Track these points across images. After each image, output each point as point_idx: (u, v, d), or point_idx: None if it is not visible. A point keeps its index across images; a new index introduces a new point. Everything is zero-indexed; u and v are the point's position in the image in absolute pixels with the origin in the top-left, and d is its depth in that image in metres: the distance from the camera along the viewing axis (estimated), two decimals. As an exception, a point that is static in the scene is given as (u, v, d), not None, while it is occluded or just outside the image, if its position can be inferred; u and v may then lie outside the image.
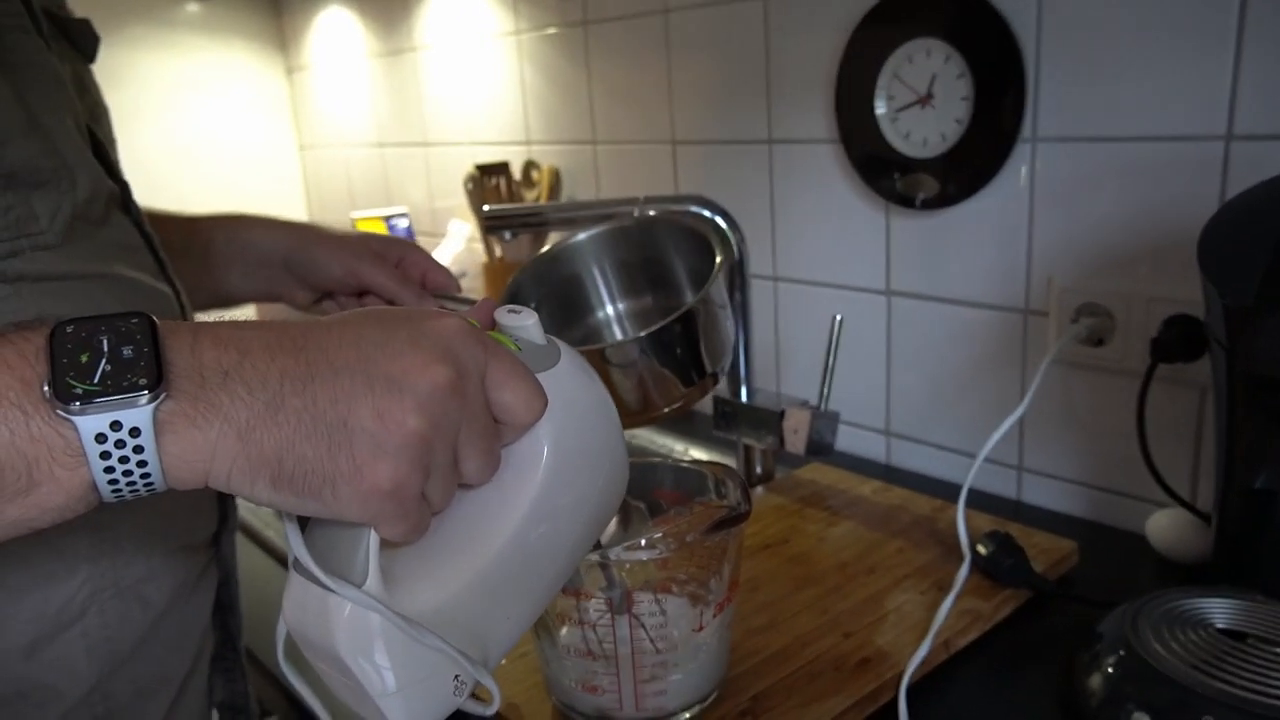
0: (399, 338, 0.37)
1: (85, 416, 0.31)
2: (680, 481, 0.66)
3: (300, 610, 0.39)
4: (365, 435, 0.35)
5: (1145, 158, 0.79)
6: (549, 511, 0.42)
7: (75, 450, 0.32)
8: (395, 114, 1.77)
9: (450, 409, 0.37)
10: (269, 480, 0.34)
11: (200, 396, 0.33)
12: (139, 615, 0.51)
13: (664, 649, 0.57)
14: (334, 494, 0.35)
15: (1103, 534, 0.87)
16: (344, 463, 0.35)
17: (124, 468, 0.32)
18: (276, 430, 0.34)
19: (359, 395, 0.35)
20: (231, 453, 0.33)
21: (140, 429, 0.32)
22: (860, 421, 1.08)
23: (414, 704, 0.39)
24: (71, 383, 0.31)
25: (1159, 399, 0.81)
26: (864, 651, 0.66)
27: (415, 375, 0.36)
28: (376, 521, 0.36)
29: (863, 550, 0.81)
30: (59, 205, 0.47)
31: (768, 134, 1.09)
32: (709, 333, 0.75)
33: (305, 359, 0.35)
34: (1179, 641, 0.60)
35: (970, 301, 0.95)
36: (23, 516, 0.32)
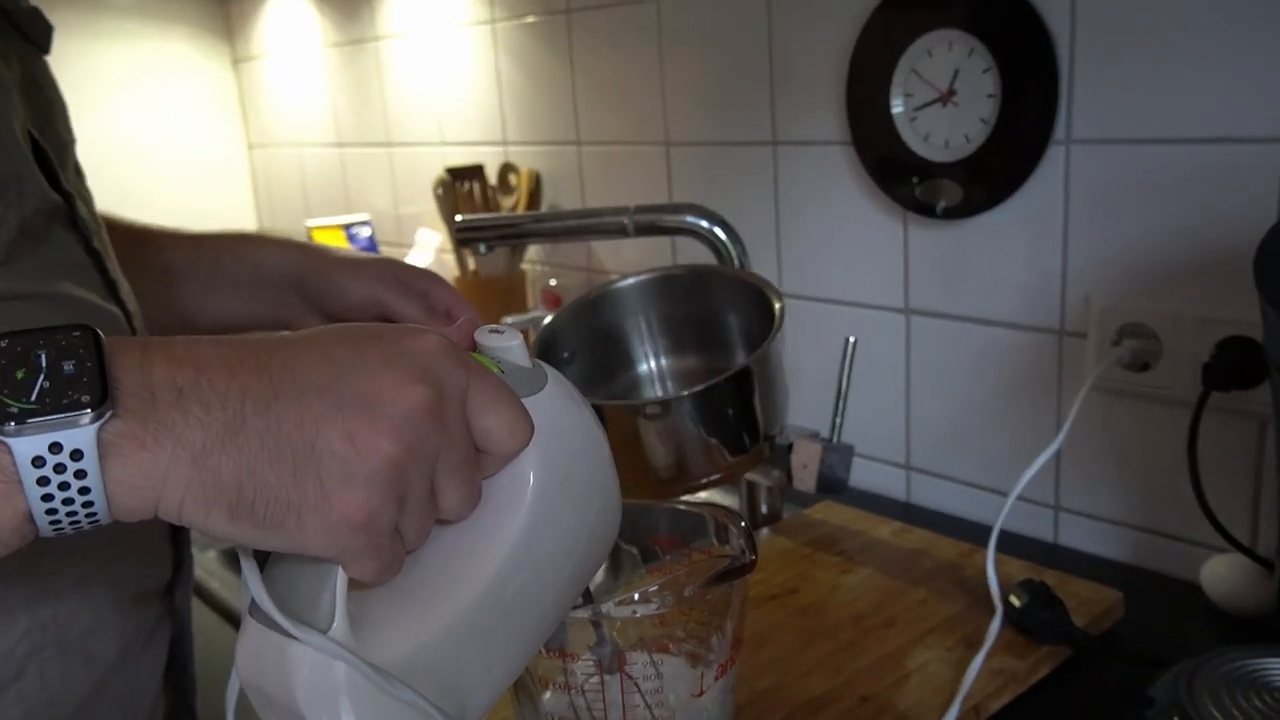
0: (372, 356, 0.36)
1: (20, 438, 0.31)
2: (677, 525, 0.65)
3: (256, 661, 0.38)
4: (335, 460, 0.34)
5: (1194, 162, 0.79)
6: (534, 552, 0.42)
7: (9, 476, 0.31)
8: (355, 110, 1.76)
9: (428, 433, 0.36)
10: (226, 510, 0.34)
11: (150, 417, 0.33)
12: (83, 673, 0.50)
13: (659, 716, 0.56)
14: (299, 525, 0.34)
15: (1151, 582, 0.86)
16: (311, 490, 0.34)
17: (64, 495, 0.32)
18: (236, 454, 0.33)
19: (328, 417, 0.35)
20: (185, 479, 0.33)
21: (83, 451, 0.31)
22: (877, 455, 1.08)
23: None
24: (6, 401, 0.31)
25: (1212, 431, 0.80)
26: (884, 717, 0.65)
27: (390, 396, 0.35)
28: (345, 558, 0.36)
29: (881, 600, 0.80)
30: (3, 220, 0.47)
31: (772, 135, 1.09)
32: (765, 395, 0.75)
33: (269, 377, 0.35)
34: (1240, 708, 0.60)
35: (999, 321, 0.94)
36: None
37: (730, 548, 0.60)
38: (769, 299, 0.80)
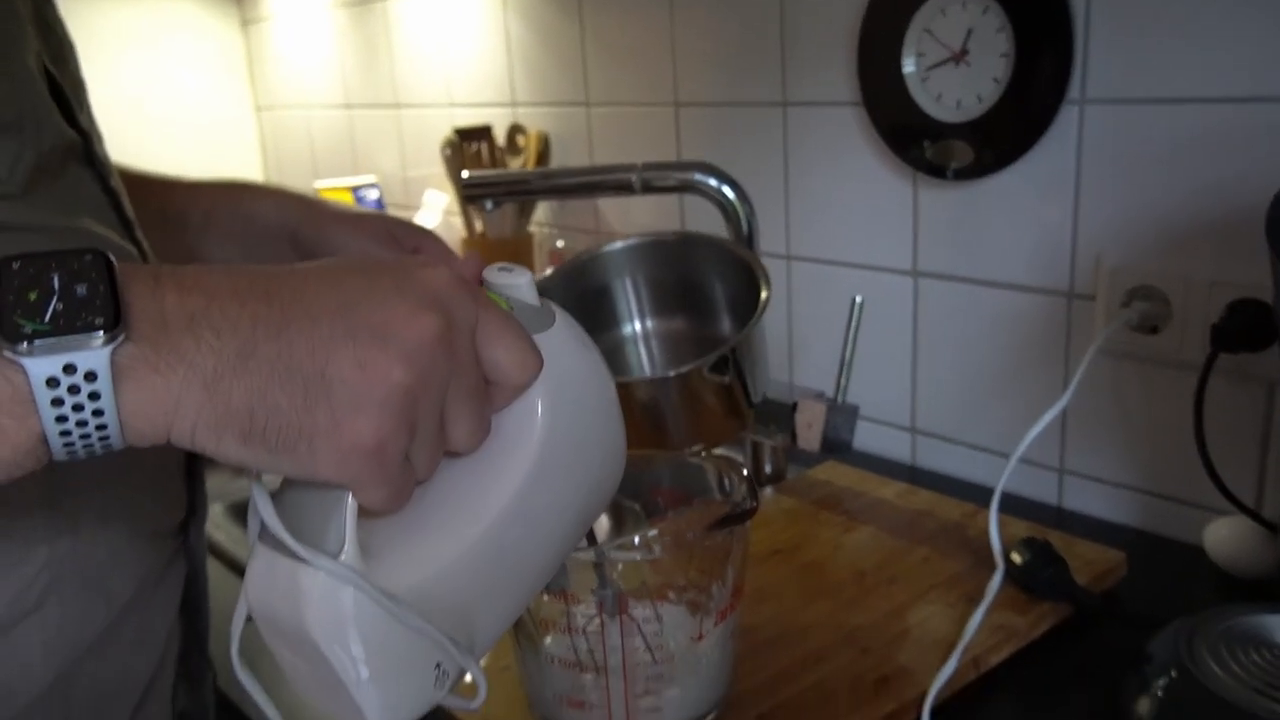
0: (383, 285, 0.37)
1: (34, 359, 0.31)
2: (680, 478, 0.66)
3: (266, 588, 0.38)
4: (346, 387, 0.35)
5: (1209, 122, 0.79)
6: (542, 488, 0.42)
7: (23, 397, 0.31)
8: (363, 71, 1.76)
9: (438, 362, 0.37)
10: (238, 435, 0.34)
11: (162, 342, 0.33)
12: (101, 607, 0.52)
13: (660, 659, 0.57)
14: (310, 451, 0.35)
15: (1155, 545, 0.87)
16: (322, 416, 0.35)
17: (78, 417, 0.32)
18: (247, 379, 0.34)
19: (339, 344, 0.35)
20: (197, 404, 0.33)
21: (96, 373, 0.32)
22: (883, 418, 1.08)
23: (391, 695, 0.39)
24: (19, 321, 0.31)
25: (1220, 394, 0.81)
26: (883, 669, 0.66)
27: (401, 324, 0.36)
28: (356, 485, 0.36)
29: (883, 559, 0.81)
30: (20, 154, 0.47)
31: (782, 96, 1.09)
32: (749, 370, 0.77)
33: (280, 305, 0.35)
34: (1239, 663, 0.60)
35: (1008, 284, 0.95)
36: None
37: (732, 498, 0.61)
38: (756, 277, 0.82)
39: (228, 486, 1.12)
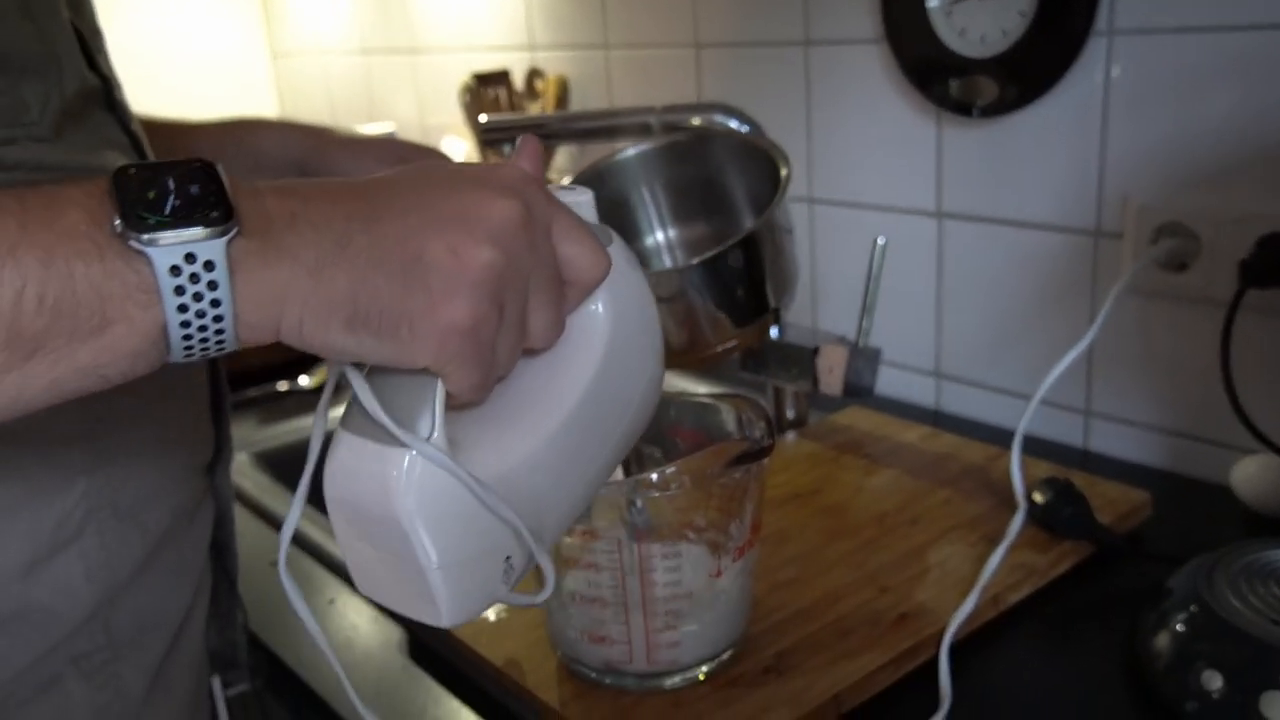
0: (464, 179, 0.40)
1: (159, 248, 0.34)
2: (699, 418, 0.67)
3: (350, 472, 0.41)
4: (440, 270, 0.38)
5: (1241, 51, 0.78)
6: (607, 387, 0.46)
7: (149, 286, 0.34)
8: (381, 16, 1.76)
9: (522, 247, 0.40)
10: (343, 322, 0.37)
11: (268, 237, 0.36)
12: (137, 540, 0.55)
13: (678, 594, 0.59)
14: (411, 333, 0.38)
15: (1182, 485, 0.88)
16: (420, 299, 0.38)
17: (197, 306, 0.34)
18: (349, 268, 0.37)
19: (430, 231, 0.38)
20: (304, 293, 0.36)
21: (214, 262, 0.34)
22: (906, 362, 1.09)
23: (463, 585, 0.41)
24: (142, 214, 0.34)
25: (1249, 331, 0.81)
26: (902, 607, 0.68)
27: (485, 209, 0.39)
28: (449, 367, 0.39)
29: (904, 501, 0.82)
30: (48, 97, 0.49)
31: (804, 34, 1.09)
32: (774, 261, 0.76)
33: (369, 202, 0.38)
34: (1259, 595, 0.62)
35: (1034, 223, 0.95)
36: (94, 362, 0.34)
37: (750, 437, 0.62)
38: (775, 162, 0.80)
39: (253, 435, 1.15)
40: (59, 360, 0.33)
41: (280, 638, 0.75)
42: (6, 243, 0.32)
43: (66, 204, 0.34)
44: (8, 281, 0.32)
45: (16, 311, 0.32)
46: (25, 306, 0.32)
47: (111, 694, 0.55)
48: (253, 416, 1.21)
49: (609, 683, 0.62)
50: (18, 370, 0.33)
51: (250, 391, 1.26)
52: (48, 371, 0.33)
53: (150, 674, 0.57)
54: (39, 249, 0.32)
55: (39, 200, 0.33)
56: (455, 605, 0.41)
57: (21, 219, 0.33)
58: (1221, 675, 0.57)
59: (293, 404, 1.24)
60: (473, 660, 0.68)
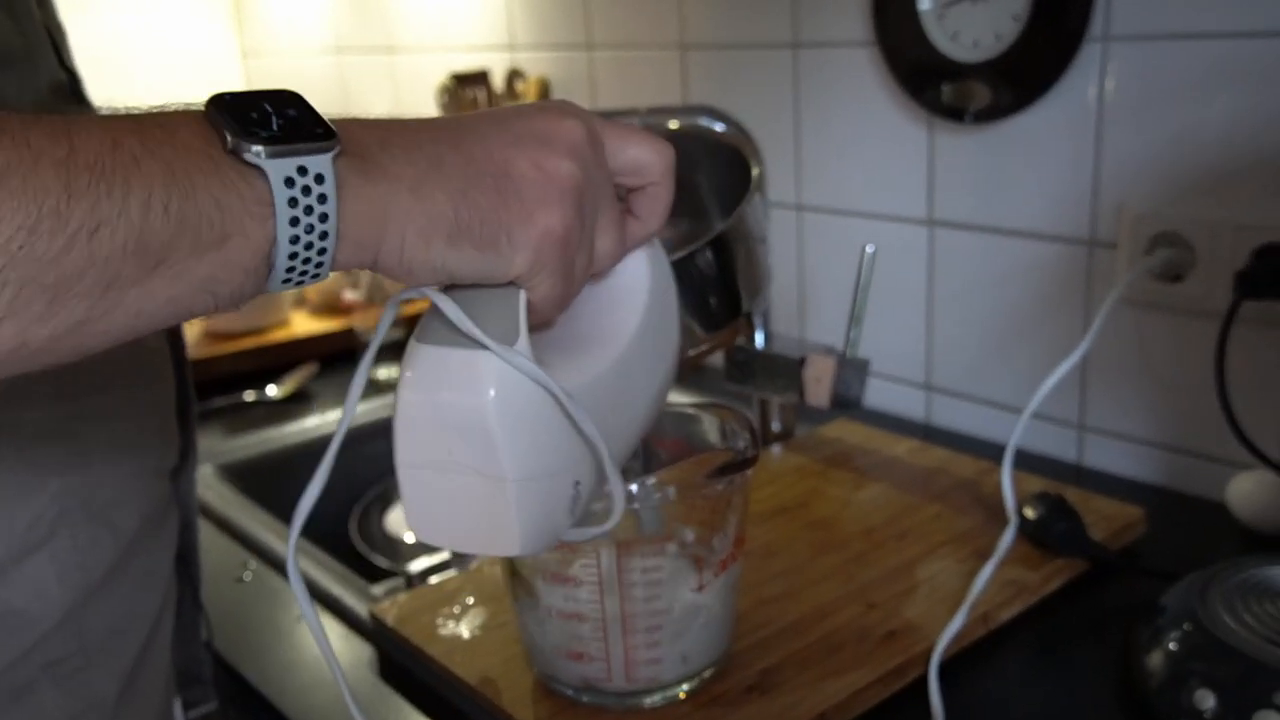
0: (526, 109, 0.44)
1: (274, 161, 0.35)
2: (682, 428, 0.67)
3: (433, 383, 0.42)
4: (529, 182, 0.41)
5: (1238, 59, 0.80)
6: (652, 328, 0.50)
7: (264, 199, 0.35)
8: (356, 14, 1.77)
9: (592, 162, 0.44)
10: (445, 236, 0.39)
11: (366, 157, 0.38)
12: (109, 542, 0.56)
13: (659, 610, 0.59)
14: (510, 243, 0.41)
15: (1177, 501, 0.89)
16: (516, 209, 0.41)
17: (308, 220, 0.36)
18: (445, 184, 0.39)
19: (512, 149, 0.42)
20: (405, 208, 0.38)
21: (324, 176, 0.36)
22: (896, 374, 1.10)
23: (537, 504, 0.43)
24: (254, 129, 0.35)
25: (1246, 344, 0.82)
26: (891, 624, 0.68)
27: (556, 130, 0.43)
28: (541, 275, 0.42)
29: (893, 515, 0.83)
30: (22, 90, 0.51)
31: (792, 36, 1.10)
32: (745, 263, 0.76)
33: (448, 130, 0.41)
34: (1253, 614, 0.62)
35: (1027, 232, 0.96)
36: (210, 277, 0.35)
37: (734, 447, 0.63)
38: (745, 158, 0.80)
39: (219, 446, 1.14)
40: (180, 275, 0.34)
41: (245, 656, 0.75)
42: (130, 153, 0.33)
43: (177, 126, 0.35)
44: (136, 191, 0.32)
45: (145, 220, 0.33)
46: (153, 215, 0.33)
47: (84, 703, 0.55)
48: (218, 427, 1.20)
49: (587, 701, 0.62)
50: (142, 284, 0.34)
51: (216, 401, 1.26)
52: (168, 287, 0.34)
53: (122, 681, 0.57)
54: (161, 160, 0.33)
55: (150, 122, 0.35)
56: (529, 528, 0.43)
57: (140, 135, 0.33)
58: (1215, 694, 0.58)
59: (260, 415, 1.24)
60: (446, 678, 0.68)
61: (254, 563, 0.88)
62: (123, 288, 0.33)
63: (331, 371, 1.36)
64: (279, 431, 1.18)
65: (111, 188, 0.32)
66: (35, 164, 0.31)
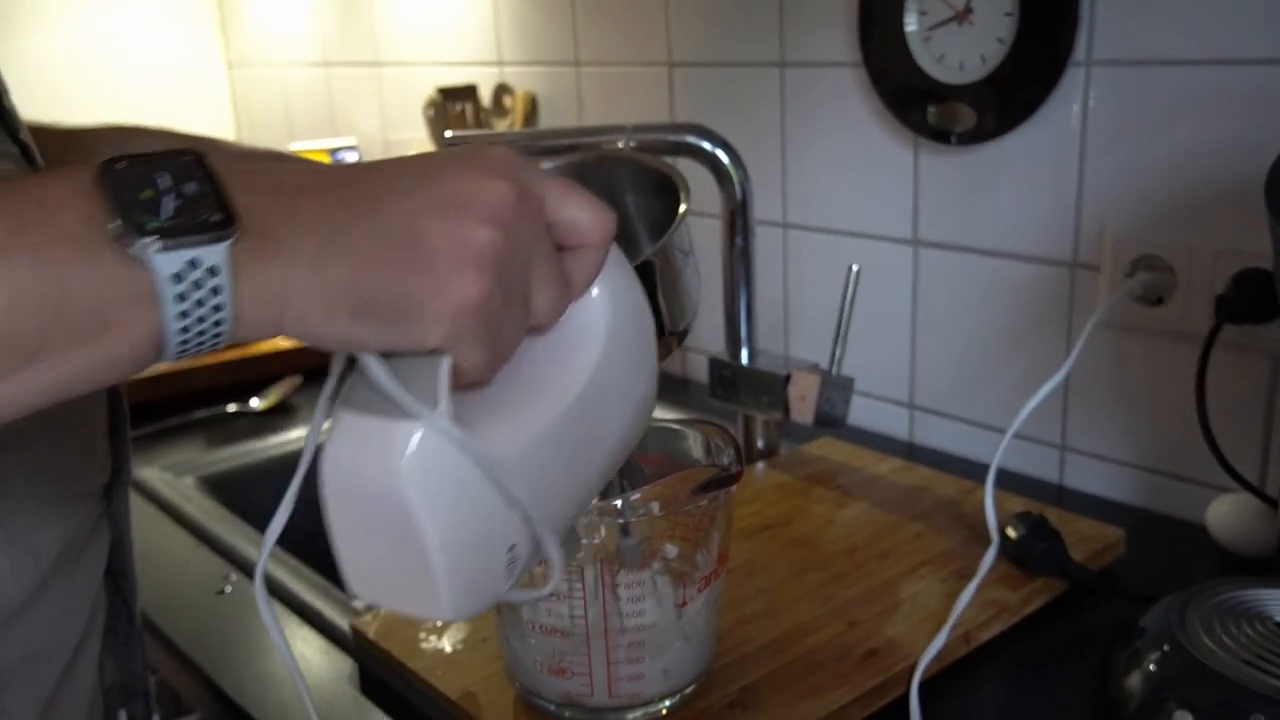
0: (453, 163, 0.41)
1: (161, 256, 0.34)
2: (666, 443, 0.68)
3: (352, 451, 0.41)
4: (443, 252, 0.39)
5: (1220, 85, 0.81)
6: (610, 372, 0.47)
7: (149, 293, 0.34)
8: (343, 27, 1.77)
9: (520, 222, 0.41)
10: (350, 311, 0.38)
11: (267, 234, 0.36)
12: (30, 567, 0.54)
13: (642, 626, 0.60)
14: (420, 316, 0.39)
15: (1157, 523, 0.90)
16: (427, 280, 0.39)
17: (199, 312, 0.35)
18: (349, 255, 0.37)
19: (428, 215, 0.39)
20: (306, 285, 0.37)
21: (218, 268, 0.34)
22: (880, 393, 1.11)
23: (465, 571, 0.42)
24: (140, 219, 0.34)
25: (1226, 368, 0.83)
26: (871, 642, 0.69)
27: (480, 190, 0.40)
28: (462, 344, 0.40)
29: (876, 534, 0.83)
30: None
31: (779, 56, 1.11)
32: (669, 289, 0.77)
33: (362, 189, 0.39)
34: (1231, 636, 0.63)
35: (1010, 253, 0.97)
36: (89, 366, 0.34)
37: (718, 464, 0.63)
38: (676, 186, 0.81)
39: (200, 458, 1.14)
40: (53, 366, 0.33)
41: (224, 669, 0.75)
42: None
43: (56, 205, 0.33)
44: (2, 287, 0.31)
45: (11, 318, 0.32)
46: (20, 313, 0.32)
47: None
48: (200, 439, 1.20)
49: (568, 716, 0.63)
50: (11, 379, 0.33)
51: (198, 413, 1.26)
52: (43, 376, 0.33)
53: (39, 705, 0.56)
54: (31, 252, 0.32)
55: (24, 199, 0.33)
56: (457, 594, 0.42)
57: (11, 222, 0.32)
58: (1193, 716, 0.59)
59: (243, 427, 1.24)
60: (427, 693, 0.68)
61: (235, 575, 0.88)
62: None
63: (315, 384, 1.36)
64: (261, 444, 1.18)
65: None
66: None
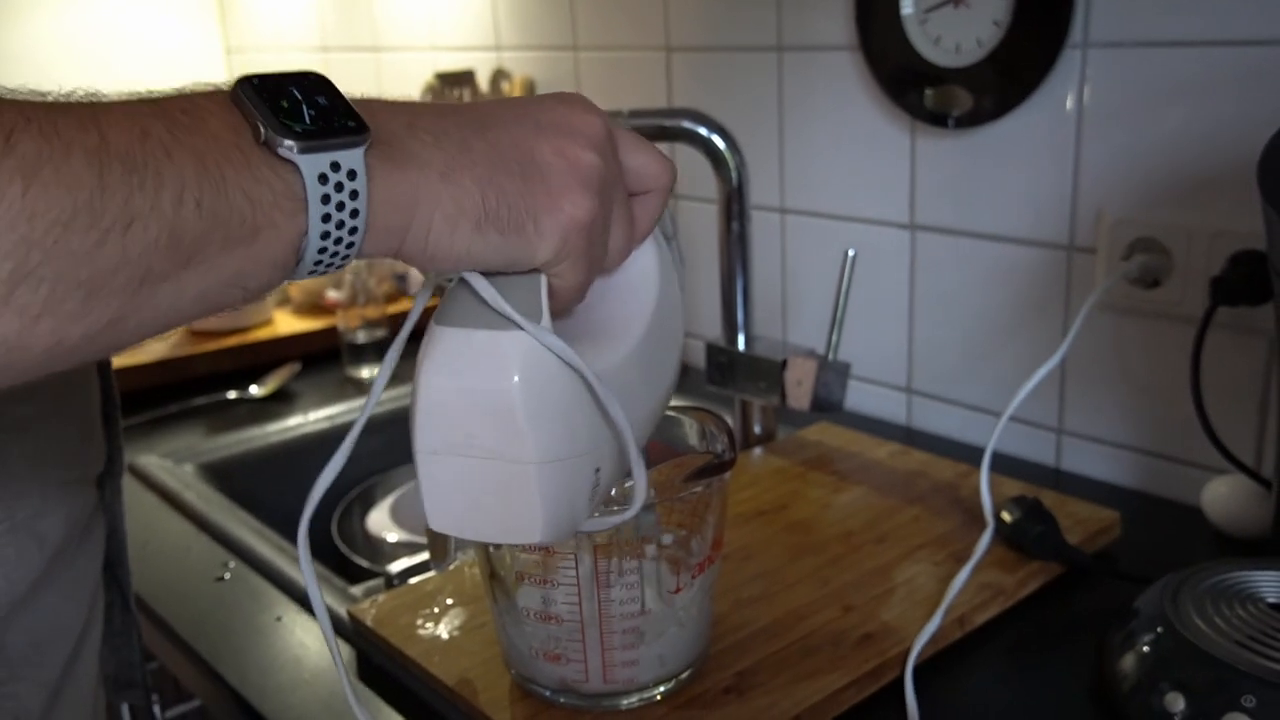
0: (547, 99, 0.45)
1: (307, 156, 0.35)
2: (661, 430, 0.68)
3: (455, 363, 0.42)
4: (554, 170, 0.42)
5: (1214, 66, 0.81)
6: (664, 319, 0.51)
7: (297, 194, 0.35)
8: (341, 12, 1.77)
9: (610, 155, 0.44)
10: (472, 221, 0.40)
11: (395, 145, 0.38)
12: (35, 553, 0.54)
13: (636, 612, 0.60)
14: (536, 229, 0.41)
15: (1153, 505, 0.90)
16: (541, 195, 0.41)
17: (339, 216, 0.36)
18: (473, 169, 0.40)
19: (536, 137, 0.42)
20: (435, 193, 0.39)
21: (356, 171, 0.36)
22: (878, 377, 1.11)
23: (560, 489, 0.43)
24: (287, 123, 0.35)
25: (1222, 350, 0.83)
26: (867, 626, 0.69)
27: (579, 121, 0.44)
28: (566, 262, 0.43)
29: (872, 518, 0.83)
30: None
31: (777, 39, 1.11)
32: None
33: (473, 116, 0.42)
34: (1223, 617, 0.63)
35: (1007, 237, 0.97)
36: (240, 270, 0.35)
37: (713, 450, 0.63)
38: None
39: (200, 445, 1.15)
40: (211, 269, 0.34)
41: (224, 656, 0.75)
42: (161, 146, 0.32)
43: (203, 111, 0.34)
44: (169, 184, 0.32)
45: (178, 215, 0.32)
46: (185, 210, 0.32)
47: (10, 715, 0.55)
48: (200, 426, 1.21)
49: (564, 702, 0.63)
50: (174, 280, 0.33)
51: (198, 400, 1.26)
52: (199, 281, 0.34)
53: (48, 692, 0.57)
54: (191, 152, 0.33)
55: (174, 104, 0.34)
56: (551, 514, 0.43)
57: (168, 123, 0.33)
58: (1185, 697, 0.59)
59: (243, 413, 1.24)
60: (424, 679, 0.68)
61: (234, 562, 0.88)
62: (155, 284, 0.33)
63: (314, 371, 1.36)
64: (261, 430, 1.19)
65: (144, 181, 0.31)
66: (67, 155, 0.30)
